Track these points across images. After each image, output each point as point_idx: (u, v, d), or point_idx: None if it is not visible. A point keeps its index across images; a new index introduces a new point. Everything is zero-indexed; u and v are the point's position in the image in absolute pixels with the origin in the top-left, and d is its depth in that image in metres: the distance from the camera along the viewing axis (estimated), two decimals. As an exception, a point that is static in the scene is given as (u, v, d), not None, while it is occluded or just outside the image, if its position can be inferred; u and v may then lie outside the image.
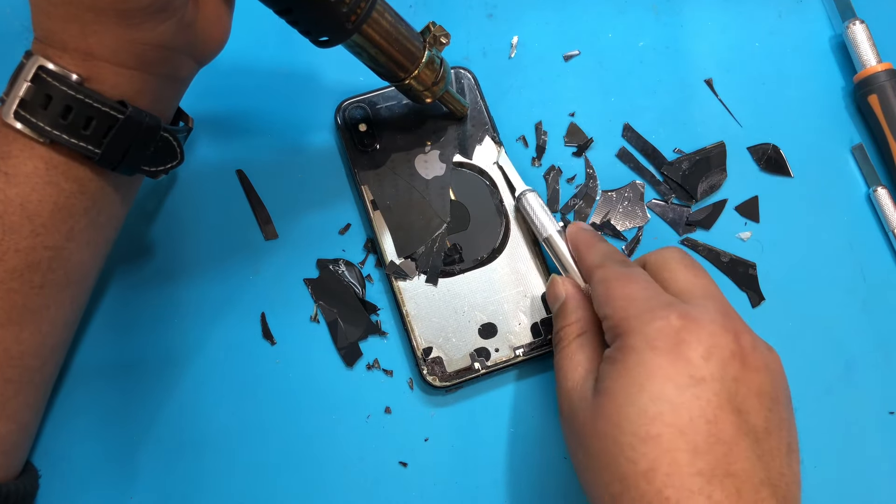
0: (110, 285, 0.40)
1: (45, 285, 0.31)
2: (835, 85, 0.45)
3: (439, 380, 0.38)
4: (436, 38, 0.36)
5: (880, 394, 0.41)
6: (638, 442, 0.28)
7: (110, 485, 0.37)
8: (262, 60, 0.43)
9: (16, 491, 0.33)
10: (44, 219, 0.30)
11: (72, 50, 0.29)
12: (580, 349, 0.33)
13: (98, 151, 0.30)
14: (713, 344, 0.29)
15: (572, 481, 0.38)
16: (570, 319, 0.35)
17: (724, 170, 0.43)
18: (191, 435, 0.38)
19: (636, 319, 0.30)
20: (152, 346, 0.39)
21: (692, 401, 0.28)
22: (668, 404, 0.28)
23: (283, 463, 0.38)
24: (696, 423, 0.28)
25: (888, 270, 0.42)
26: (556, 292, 0.36)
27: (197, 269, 0.40)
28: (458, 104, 0.40)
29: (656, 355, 0.29)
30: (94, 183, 0.31)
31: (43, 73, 0.29)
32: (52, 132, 0.29)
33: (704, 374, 0.28)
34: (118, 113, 0.29)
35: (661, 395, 0.28)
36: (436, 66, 0.37)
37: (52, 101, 0.29)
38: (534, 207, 0.39)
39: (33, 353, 0.32)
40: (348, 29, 0.32)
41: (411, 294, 0.39)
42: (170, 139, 0.32)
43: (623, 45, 0.45)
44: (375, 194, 0.40)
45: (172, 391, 0.39)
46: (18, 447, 0.34)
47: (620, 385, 0.29)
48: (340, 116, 0.41)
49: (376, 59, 0.35)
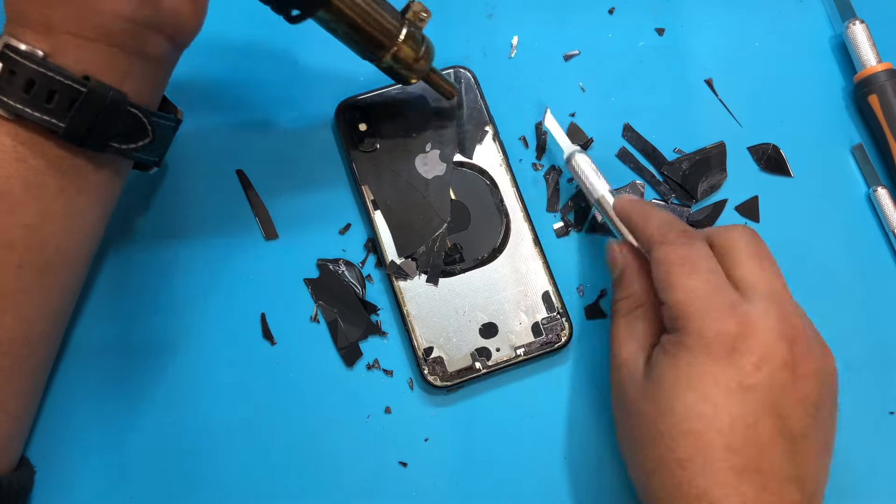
0: (110, 285, 0.39)
1: (24, 265, 0.31)
2: (835, 85, 0.45)
3: (440, 379, 0.38)
4: (416, 14, 0.35)
5: (880, 394, 0.41)
6: (678, 434, 0.30)
7: (108, 484, 0.37)
8: (262, 60, 0.43)
9: (9, 485, 0.33)
10: (15, 195, 0.30)
11: (34, 23, 0.29)
12: (636, 322, 0.34)
13: (62, 125, 0.30)
14: (766, 353, 0.30)
15: (573, 481, 0.38)
16: (628, 292, 0.35)
17: (724, 170, 0.43)
18: (190, 435, 0.38)
19: (695, 319, 0.30)
20: (152, 346, 0.39)
21: (737, 406, 0.29)
22: (713, 406, 0.29)
23: (283, 463, 0.38)
24: (736, 426, 0.29)
25: (888, 270, 0.42)
26: (613, 259, 0.37)
27: (197, 268, 0.40)
28: (447, 83, 0.39)
29: (710, 360, 0.30)
30: (66, 161, 0.31)
31: (8, 50, 0.29)
32: (15, 106, 0.29)
33: (753, 383, 0.29)
34: (80, 86, 0.30)
35: (707, 396, 0.29)
36: (416, 43, 0.36)
37: (16, 76, 0.29)
38: (583, 169, 0.39)
39: (21, 341, 0.32)
40: (317, 0, 0.32)
41: (412, 294, 0.39)
42: (139, 115, 0.32)
43: (623, 45, 0.45)
44: (376, 194, 0.40)
45: (172, 391, 0.38)
46: (11, 438, 0.34)
47: (671, 378, 0.30)
48: (340, 116, 0.41)
49: (350, 35, 0.34)
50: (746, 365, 0.30)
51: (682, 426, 0.29)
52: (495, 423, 0.39)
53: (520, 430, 0.39)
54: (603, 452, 0.39)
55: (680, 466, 0.29)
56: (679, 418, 0.30)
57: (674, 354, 0.31)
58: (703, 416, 0.29)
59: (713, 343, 0.30)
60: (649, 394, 0.31)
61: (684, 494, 0.29)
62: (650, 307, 0.35)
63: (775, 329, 0.30)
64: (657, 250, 0.33)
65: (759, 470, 0.29)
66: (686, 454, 0.29)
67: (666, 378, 0.31)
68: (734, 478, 0.29)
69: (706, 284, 0.31)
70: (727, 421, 0.29)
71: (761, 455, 0.29)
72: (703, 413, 0.29)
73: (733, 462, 0.29)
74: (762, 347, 0.30)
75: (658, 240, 0.34)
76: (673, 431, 0.30)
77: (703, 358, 0.30)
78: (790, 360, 0.30)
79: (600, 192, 0.38)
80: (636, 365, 0.33)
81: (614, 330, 0.35)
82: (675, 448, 0.30)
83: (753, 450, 0.29)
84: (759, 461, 0.29)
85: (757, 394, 0.29)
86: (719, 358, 0.30)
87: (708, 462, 0.29)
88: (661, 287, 0.32)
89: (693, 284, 0.31)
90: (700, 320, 0.30)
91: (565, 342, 0.39)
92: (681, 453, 0.29)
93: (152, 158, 0.34)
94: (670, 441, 0.30)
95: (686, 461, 0.29)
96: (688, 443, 0.29)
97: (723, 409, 0.29)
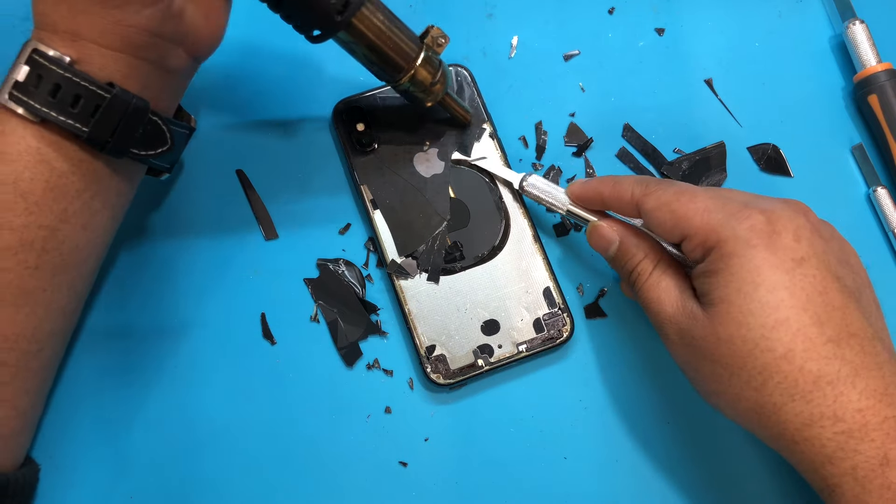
0: (109, 285, 0.39)
1: (40, 266, 0.32)
2: (835, 85, 0.45)
3: (443, 377, 0.38)
4: (434, 40, 0.37)
5: (880, 394, 0.41)
6: (769, 331, 0.30)
7: (110, 482, 0.37)
8: (263, 60, 0.43)
9: (15, 481, 0.33)
10: (36, 197, 0.31)
11: (62, 31, 0.30)
12: (664, 276, 0.34)
13: (86, 130, 0.31)
14: (797, 226, 0.31)
15: (573, 481, 0.38)
16: (640, 255, 0.35)
17: (724, 170, 0.43)
18: (190, 434, 0.38)
19: (724, 227, 0.31)
20: (152, 345, 0.39)
21: (803, 279, 0.30)
22: (785, 290, 0.30)
23: (283, 463, 0.38)
24: (813, 298, 0.30)
25: (888, 270, 0.43)
26: (605, 236, 0.37)
27: (197, 268, 0.40)
28: (461, 110, 0.40)
29: (757, 252, 0.30)
30: (87, 165, 0.32)
31: (36, 55, 0.30)
32: (41, 109, 0.30)
33: (803, 255, 0.31)
34: (105, 92, 0.30)
35: (775, 283, 0.30)
36: (433, 67, 0.37)
37: (42, 81, 0.30)
38: (540, 188, 0.39)
39: (29, 337, 0.33)
40: (337, 21, 0.33)
41: (413, 293, 0.39)
42: (159, 123, 0.33)
43: (623, 45, 0.45)
44: (375, 194, 0.40)
45: (172, 391, 0.39)
46: (17, 434, 0.34)
47: (734, 288, 0.31)
48: (338, 117, 0.41)
49: (369, 57, 0.35)
50: (789, 241, 0.31)
51: (769, 322, 0.30)
52: (496, 421, 0.39)
53: (521, 428, 0.39)
54: (605, 450, 0.39)
55: (786, 361, 0.29)
56: (762, 317, 0.30)
57: (723, 268, 0.31)
58: (783, 302, 0.30)
59: (752, 237, 0.31)
60: (721, 317, 0.31)
61: (801, 387, 0.29)
62: (665, 260, 0.35)
63: (789, 207, 0.32)
64: (648, 201, 0.34)
65: (852, 334, 0.30)
66: (785, 345, 0.29)
67: (729, 291, 0.31)
68: (836, 348, 0.29)
69: (714, 200, 0.32)
70: (804, 296, 0.30)
71: (845, 319, 0.30)
72: (781, 299, 0.30)
73: (829, 334, 0.29)
74: (791, 223, 0.31)
75: (642, 192, 0.34)
76: (763, 332, 0.30)
77: (751, 253, 0.30)
78: (814, 226, 0.32)
79: (568, 206, 0.38)
80: (688, 310, 0.33)
81: (644, 295, 0.35)
82: (773, 347, 0.30)
83: (838, 316, 0.30)
84: (848, 325, 0.30)
85: (811, 263, 0.30)
86: (765, 247, 0.30)
87: (809, 342, 0.29)
88: (673, 225, 0.33)
89: (702, 204, 0.32)
90: (730, 226, 0.31)
91: (567, 338, 0.39)
92: (780, 348, 0.30)
93: (165, 165, 0.35)
94: (764, 342, 0.30)
95: (790, 353, 0.29)
96: (782, 334, 0.30)
97: (795, 288, 0.30)
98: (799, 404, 0.29)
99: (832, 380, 0.29)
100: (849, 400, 0.29)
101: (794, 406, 0.30)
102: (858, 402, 0.29)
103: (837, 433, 0.29)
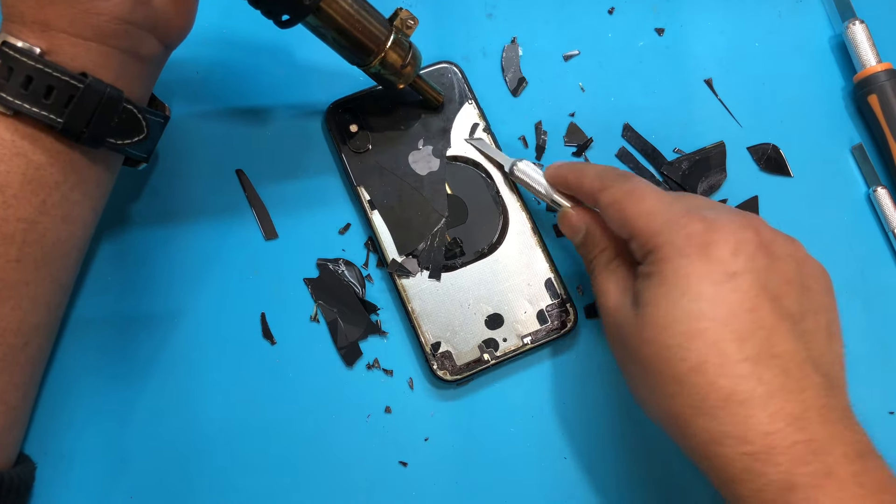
0: (109, 285, 0.39)
1: (22, 259, 0.32)
2: (835, 85, 0.45)
3: (450, 374, 0.38)
4: (403, 22, 0.37)
5: (880, 394, 0.41)
6: (685, 340, 0.29)
7: (107, 482, 0.37)
8: (264, 60, 0.43)
9: (10, 479, 0.33)
10: (14, 190, 0.31)
11: (30, 22, 0.30)
12: (615, 271, 0.35)
13: (60, 121, 0.31)
14: (738, 240, 0.30)
15: (573, 481, 0.38)
16: (599, 247, 0.36)
17: (723, 170, 0.43)
18: (190, 435, 0.38)
19: (663, 233, 0.31)
20: (151, 345, 0.39)
21: (730, 294, 0.29)
22: (708, 301, 0.29)
23: (283, 463, 0.38)
24: (737, 314, 0.29)
25: (888, 270, 0.43)
26: (573, 225, 0.37)
27: (197, 268, 0.40)
28: (433, 91, 0.40)
29: (690, 261, 0.30)
30: (64, 156, 0.32)
31: (6, 47, 0.30)
32: (13, 102, 0.30)
33: (736, 269, 0.30)
34: (78, 82, 0.30)
35: (700, 294, 0.29)
36: (403, 50, 0.37)
37: (14, 73, 0.30)
38: (529, 174, 0.39)
39: (15, 331, 0.32)
40: (306, 6, 0.33)
41: (415, 291, 0.39)
42: (134, 111, 0.33)
43: (623, 45, 0.45)
44: (372, 194, 0.40)
45: (172, 391, 0.38)
46: (8, 429, 0.34)
47: (661, 292, 0.30)
48: (330, 119, 0.41)
49: (338, 41, 0.35)
50: (724, 254, 0.30)
51: (687, 331, 0.29)
52: (497, 420, 0.39)
53: (521, 428, 0.39)
54: (605, 450, 0.39)
55: (698, 373, 0.29)
56: (681, 324, 0.29)
57: (656, 272, 0.31)
58: (703, 314, 0.29)
59: (686, 245, 0.30)
60: (647, 319, 0.31)
61: (710, 403, 0.28)
62: (623, 255, 0.35)
63: (736, 220, 0.31)
64: (602, 197, 0.34)
65: (774, 355, 0.29)
66: (699, 357, 0.29)
67: (657, 295, 0.30)
68: (753, 367, 0.28)
69: (659, 202, 0.32)
70: (726, 310, 0.29)
71: (771, 339, 0.29)
72: (702, 311, 0.29)
73: (747, 352, 0.29)
74: (733, 236, 0.30)
75: (599, 187, 0.34)
76: (680, 340, 0.29)
77: (682, 262, 0.30)
78: (762, 243, 0.31)
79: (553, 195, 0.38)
80: (625, 304, 0.33)
81: (595, 285, 0.35)
82: (687, 357, 0.29)
83: (762, 335, 0.29)
84: (772, 345, 0.29)
85: (744, 278, 0.29)
86: (697, 256, 0.30)
87: (723, 358, 0.29)
88: (621, 225, 0.33)
89: (647, 206, 0.32)
90: (667, 232, 0.31)
91: (571, 328, 0.39)
92: (694, 359, 0.29)
93: (142, 154, 0.35)
94: (680, 351, 0.29)
95: (702, 365, 0.29)
96: (698, 345, 0.29)
97: (719, 301, 0.29)
98: (707, 420, 0.29)
99: (743, 399, 0.28)
100: (758, 422, 0.28)
101: (702, 421, 0.29)
102: (768, 426, 0.28)
103: (743, 454, 0.28)
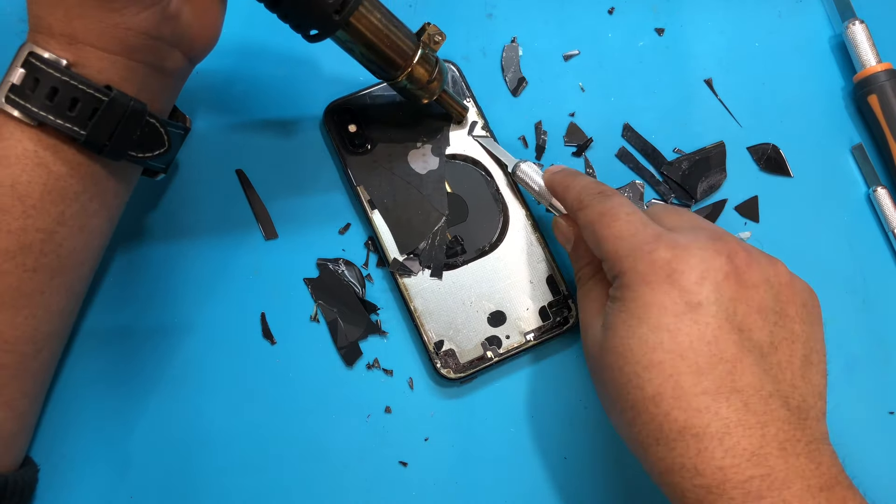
0: (109, 285, 0.39)
1: (39, 269, 0.32)
2: (835, 85, 0.45)
3: (454, 372, 0.38)
4: (430, 37, 0.37)
5: (880, 394, 0.41)
6: (641, 370, 0.29)
7: (109, 482, 0.37)
8: (264, 60, 0.43)
9: (14, 482, 0.33)
10: (34, 200, 0.31)
11: (58, 34, 0.30)
12: (594, 288, 0.34)
13: (83, 133, 0.31)
14: (705, 268, 0.29)
15: (573, 481, 0.38)
16: (584, 261, 0.35)
17: (723, 170, 0.43)
18: (190, 434, 0.38)
19: (628, 258, 0.30)
20: (151, 345, 0.39)
21: (690, 326, 0.29)
22: (667, 332, 0.29)
23: (283, 463, 0.38)
24: (696, 346, 0.28)
25: (888, 270, 0.43)
26: (563, 233, 0.37)
27: (197, 268, 0.40)
28: (458, 105, 0.40)
29: (651, 289, 0.29)
30: (84, 167, 0.32)
31: (32, 58, 0.30)
32: (38, 113, 0.30)
33: (700, 299, 0.29)
34: (103, 95, 0.30)
35: (658, 324, 0.29)
36: (430, 65, 0.37)
37: (40, 84, 0.30)
38: (530, 177, 0.39)
39: (28, 339, 0.33)
40: (335, 21, 0.33)
41: (417, 290, 0.39)
42: (156, 125, 0.33)
43: (623, 45, 0.45)
44: (372, 193, 0.40)
45: (172, 391, 0.38)
46: (16, 436, 0.34)
47: (621, 320, 0.30)
48: (329, 119, 0.41)
49: (367, 55, 0.35)
50: (688, 283, 0.29)
51: (643, 361, 0.29)
52: (497, 420, 0.39)
53: (520, 428, 0.39)
54: (605, 450, 0.39)
55: (653, 404, 0.28)
56: (638, 354, 0.29)
57: (619, 298, 0.30)
58: (661, 345, 0.28)
59: (650, 272, 0.30)
60: (607, 344, 0.30)
61: (665, 434, 0.28)
62: (602, 274, 0.34)
63: (708, 246, 0.30)
64: (580, 216, 0.34)
65: (735, 389, 0.28)
66: (655, 389, 0.28)
67: (617, 322, 0.30)
68: (711, 401, 0.28)
69: (629, 226, 0.31)
70: (686, 343, 0.28)
71: (732, 373, 0.28)
72: (660, 341, 0.29)
73: (705, 386, 0.28)
74: (700, 264, 0.29)
75: (577, 206, 0.34)
76: (636, 369, 0.29)
77: (645, 289, 0.29)
78: (732, 270, 0.30)
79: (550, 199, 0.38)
80: (596, 325, 0.32)
81: (578, 299, 0.35)
82: (643, 386, 0.29)
83: (722, 368, 0.28)
84: (733, 379, 0.28)
85: (707, 309, 0.29)
86: (660, 285, 0.29)
87: (679, 390, 0.28)
88: (594, 246, 0.33)
89: (617, 229, 0.31)
90: (633, 257, 0.30)
91: (573, 324, 0.39)
92: (650, 389, 0.28)
93: (161, 166, 0.35)
94: (637, 380, 0.29)
95: (657, 396, 0.28)
96: (654, 375, 0.28)
97: (678, 333, 0.28)
98: (662, 449, 0.28)
99: (698, 433, 0.28)
100: (712, 456, 0.27)
101: (658, 450, 0.28)
102: (722, 460, 0.27)
103: (697, 486, 0.28)
